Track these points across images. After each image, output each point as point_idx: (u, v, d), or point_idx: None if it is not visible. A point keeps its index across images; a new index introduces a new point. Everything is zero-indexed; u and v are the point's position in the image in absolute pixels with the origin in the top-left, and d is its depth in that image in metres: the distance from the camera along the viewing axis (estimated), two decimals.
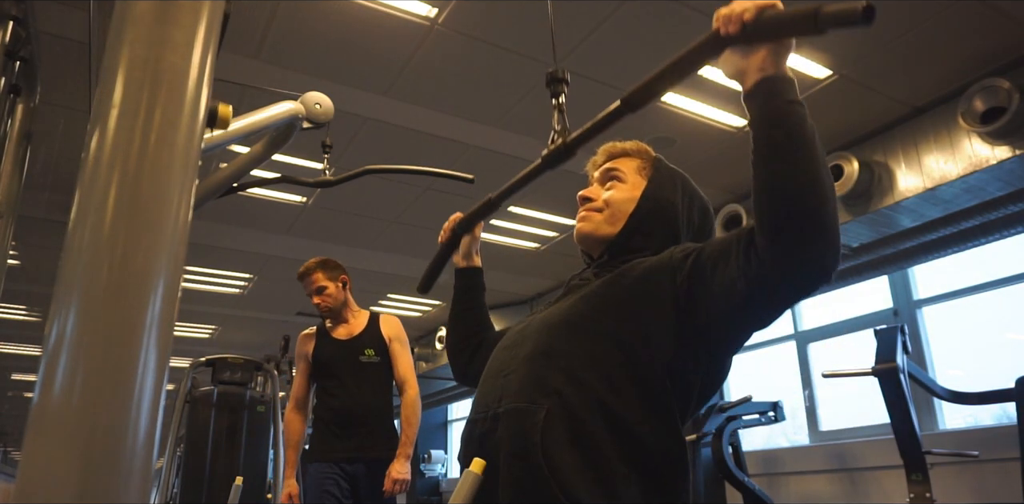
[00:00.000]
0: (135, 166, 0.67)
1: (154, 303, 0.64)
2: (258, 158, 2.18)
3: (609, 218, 1.17)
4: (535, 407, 0.94)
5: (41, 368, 0.60)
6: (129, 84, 0.69)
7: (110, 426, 0.59)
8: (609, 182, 1.21)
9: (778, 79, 0.87)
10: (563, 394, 0.94)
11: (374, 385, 2.70)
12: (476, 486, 0.93)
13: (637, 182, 1.19)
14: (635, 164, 1.22)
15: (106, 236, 0.64)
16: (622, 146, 1.24)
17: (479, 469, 0.94)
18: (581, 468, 0.89)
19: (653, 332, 0.97)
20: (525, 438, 0.92)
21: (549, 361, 0.99)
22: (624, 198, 1.17)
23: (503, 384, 1.02)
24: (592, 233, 1.18)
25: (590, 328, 1.00)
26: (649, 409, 0.95)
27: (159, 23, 0.72)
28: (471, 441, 1.03)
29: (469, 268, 1.40)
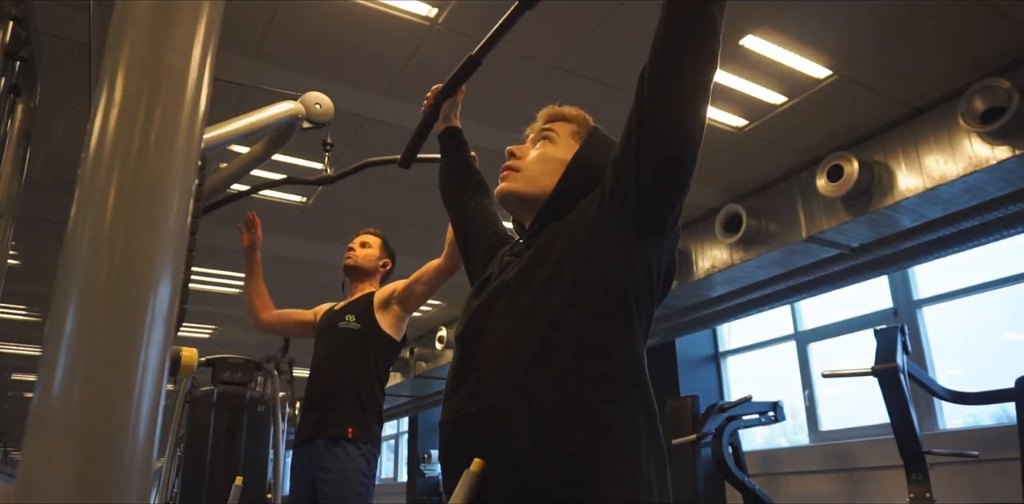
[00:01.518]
0: (135, 166, 0.67)
1: (154, 303, 0.64)
2: (258, 158, 2.18)
3: (531, 177, 1.13)
4: (513, 401, 0.92)
5: (41, 368, 0.60)
6: (129, 84, 0.69)
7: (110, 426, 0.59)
8: (541, 142, 1.18)
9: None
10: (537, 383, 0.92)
11: (345, 354, 2.32)
12: (476, 486, 0.93)
13: (570, 145, 1.15)
14: (571, 128, 1.18)
15: (106, 236, 0.64)
16: (561, 110, 1.21)
17: (478, 469, 0.94)
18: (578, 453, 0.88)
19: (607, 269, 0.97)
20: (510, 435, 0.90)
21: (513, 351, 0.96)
22: (551, 157, 1.14)
23: (472, 383, 0.98)
24: (511, 192, 1.14)
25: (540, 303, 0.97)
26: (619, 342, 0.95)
27: (159, 23, 0.72)
28: (449, 445, 1.00)
29: (449, 128, 1.49)
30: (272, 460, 4.09)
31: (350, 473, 2.16)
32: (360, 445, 2.20)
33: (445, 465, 1.01)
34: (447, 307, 7.63)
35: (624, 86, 3.65)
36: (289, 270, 6.42)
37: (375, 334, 2.36)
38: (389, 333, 2.38)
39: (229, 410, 3.92)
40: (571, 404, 0.91)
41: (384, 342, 2.37)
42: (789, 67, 3.50)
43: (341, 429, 2.19)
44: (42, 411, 0.59)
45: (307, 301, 2.93)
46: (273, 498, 3.90)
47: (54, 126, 3.81)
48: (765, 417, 4.66)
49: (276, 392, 4.22)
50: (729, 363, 6.25)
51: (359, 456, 2.19)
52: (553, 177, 1.11)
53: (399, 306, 2.41)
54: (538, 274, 1.00)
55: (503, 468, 0.91)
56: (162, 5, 0.74)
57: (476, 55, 1.27)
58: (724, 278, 5.07)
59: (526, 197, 1.13)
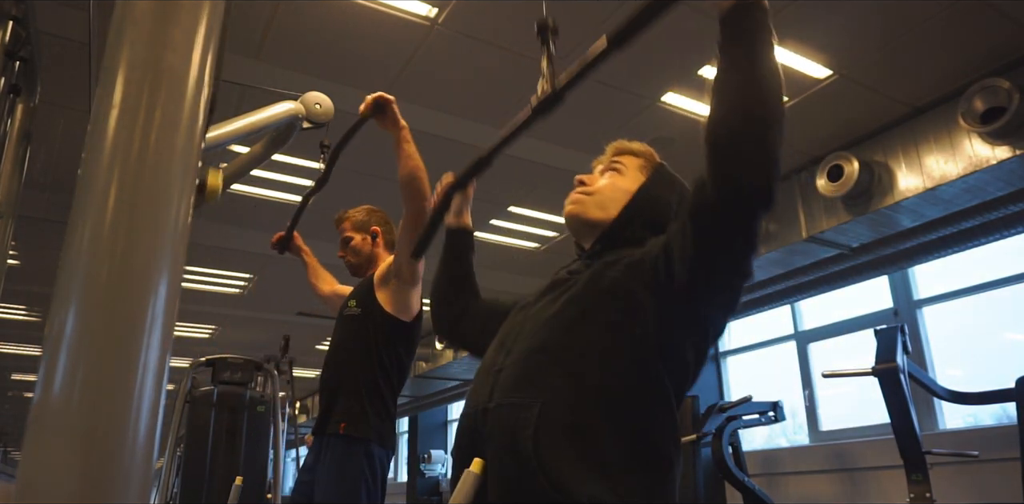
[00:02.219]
0: (135, 166, 0.67)
1: (154, 303, 0.64)
2: (258, 158, 2.18)
3: (599, 203, 1.18)
4: (528, 401, 0.94)
5: (41, 368, 0.60)
6: (129, 84, 0.69)
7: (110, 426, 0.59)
8: (609, 172, 1.24)
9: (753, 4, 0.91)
10: (558, 389, 0.95)
11: (347, 343, 2.15)
12: (476, 486, 0.93)
13: (636, 177, 1.22)
14: (638, 162, 1.25)
15: (106, 236, 0.64)
16: (629, 145, 1.28)
17: (479, 469, 0.94)
18: (576, 460, 0.90)
19: (643, 319, 0.99)
20: (515, 433, 0.92)
21: (543, 357, 1.00)
22: (619, 187, 1.20)
23: (494, 380, 1.02)
24: (579, 215, 1.19)
25: (583, 322, 1.01)
26: (645, 395, 0.96)
27: (159, 23, 0.72)
28: (462, 437, 1.04)
29: (459, 228, 1.41)
30: (272, 460, 4.09)
31: (343, 472, 1.96)
32: (356, 442, 1.99)
33: (456, 458, 1.04)
34: None
35: (623, 86, 3.65)
36: (289, 270, 6.41)
37: (376, 317, 2.11)
38: (393, 313, 2.11)
39: (229, 410, 3.92)
40: (580, 424, 0.93)
41: (389, 324, 2.11)
42: (789, 67, 3.50)
43: (336, 425, 2.02)
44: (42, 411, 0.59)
45: (307, 300, 2.92)
46: (273, 498, 3.90)
47: (54, 126, 3.81)
48: (765, 417, 4.66)
49: (276, 392, 4.22)
50: (729, 363, 6.25)
51: (355, 454, 1.98)
52: (618, 206, 1.17)
53: (396, 278, 2.12)
54: (588, 296, 1.04)
55: (504, 462, 0.92)
56: (162, 5, 0.74)
57: (487, 155, 1.29)
58: None
59: (592, 221, 1.18)
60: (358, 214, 2.42)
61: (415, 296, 2.15)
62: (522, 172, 4.55)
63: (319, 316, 7.68)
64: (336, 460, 1.98)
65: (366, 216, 2.41)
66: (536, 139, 4.12)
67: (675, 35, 3.28)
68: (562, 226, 5.45)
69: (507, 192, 4.91)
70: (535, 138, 4.12)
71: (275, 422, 4.09)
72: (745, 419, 4.58)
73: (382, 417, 2.06)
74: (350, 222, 2.41)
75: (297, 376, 4.59)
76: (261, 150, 2.17)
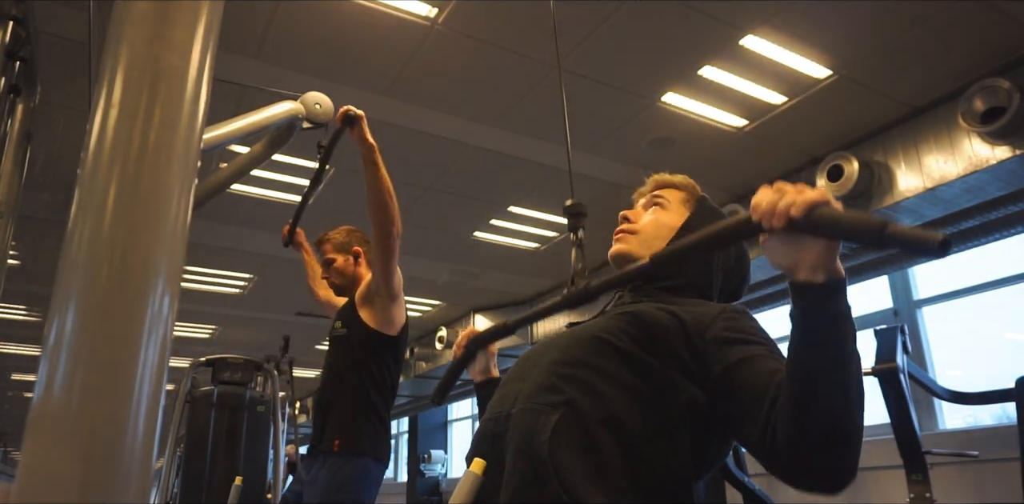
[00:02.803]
0: (135, 166, 0.67)
1: (154, 303, 0.64)
2: (258, 158, 2.18)
3: (645, 241, 1.18)
4: (550, 408, 0.94)
5: (41, 368, 0.60)
6: (129, 84, 0.69)
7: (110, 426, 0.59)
8: (652, 207, 1.24)
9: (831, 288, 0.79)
10: (578, 403, 0.94)
11: (339, 362, 2.18)
12: (476, 486, 0.93)
13: (680, 212, 1.22)
14: (680, 196, 1.24)
15: (106, 236, 0.64)
16: (671, 178, 1.27)
17: (479, 469, 0.94)
18: (585, 473, 0.89)
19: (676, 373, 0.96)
20: (532, 436, 0.92)
21: (570, 370, 0.99)
22: (663, 223, 1.20)
23: (520, 387, 1.02)
24: (627, 254, 1.19)
25: (617, 347, 0.99)
26: (663, 436, 0.93)
27: (159, 23, 0.72)
28: (482, 440, 1.03)
29: (488, 381, 1.38)
30: (272, 460, 4.09)
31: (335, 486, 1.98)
32: (350, 458, 2.02)
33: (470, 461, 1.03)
34: (447, 307, 7.63)
35: (624, 86, 3.65)
36: (289, 270, 6.41)
37: (361, 334, 2.16)
38: (377, 329, 2.16)
39: (229, 410, 3.92)
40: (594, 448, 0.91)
41: (375, 340, 2.16)
42: (789, 67, 3.50)
43: (330, 443, 2.04)
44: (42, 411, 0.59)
45: (307, 300, 2.92)
46: (273, 498, 3.90)
47: (54, 126, 3.81)
48: None
49: (276, 392, 4.22)
50: None
51: (349, 469, 2.01)
52: (663, 242, 1.17)
53: (376, 296, 2.16)
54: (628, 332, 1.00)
55: (520, 464, 0.92)
56: (162, 5, 0.73)
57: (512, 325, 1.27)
58: None
59: (638, 259, 1.14)
60: (338, 235, 2.45)
61: (398, 310, 2.19)
62: (522, 172, 4.55)
63: (319, 316, 7.68)
64: (330, 475, 2.01)
65: (346, 237, 2.45)
66: (536, 139, 4.13)
67: (675, 35, 3.28)
68: (562, 226, 5.45)
69: (507, 192, 4.91)
70: (535, 138, 4.12)
71: (275, 422, 4.09)
72: None
73: (376, 430, 2.10)
74: (331, 244, 2.43)
75: (297, 376, 4.58)
76: (261, 150, 2.17)
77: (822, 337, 0.79)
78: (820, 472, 0.81)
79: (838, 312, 0.79)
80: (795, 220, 0.73)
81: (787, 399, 0.80)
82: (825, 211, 0.73)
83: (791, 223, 0.74)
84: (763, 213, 0.76)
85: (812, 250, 0.77)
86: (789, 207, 0.73)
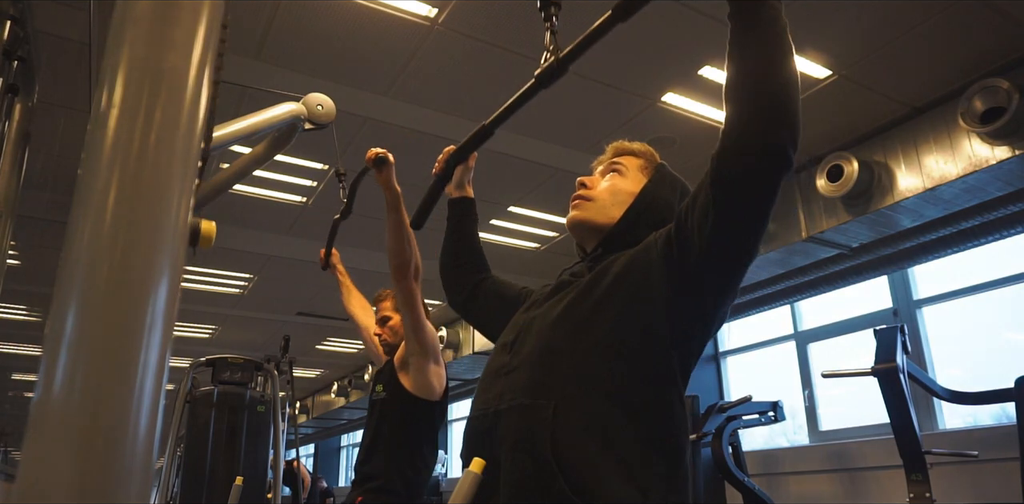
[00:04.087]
0: (135, 166, 0.67)
1: (154, 303, 0.64)
2: (260, 159, 2.18)
3: (602, 207, 1.18)
4: (541, 402, 0.94)
5: (41, 368, 0.60)
6: (129, 84, 0.69)
7: (110, 426, 0.59)
8: (610, 174, 1.23)
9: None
10: (569, 389, 0.95)
11: (376, 430, 2.10)
12: (476, 486, 0.93)
13: (637, 178, 1.21)
14: (639, 163, 1.24)
15: (106, 236, 0.64)
16: (629, 145, 1.27)
17: (479, 469, 0.94)
18: (596, 460, 0.90)
19: (650, 310, 0.99)
20: (533, 433, 0.92)
21: (552, 358, 0.99)
22: (620, 189, 1.19)
23: (505, 382, 1.02)
24: (583, 221, 1.19)
25: (589, 322, 1.01)
26: (656, 385, 0.97)
27: (159, 23, 0.72)
28: (472, 438, 1.03)
29: (461, 198, 1.43)
30: (272, 460, 4.09)
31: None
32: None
33: (465, 460, 1.03)
34: (447, 307, 7.63)
35: (624, 86, 3.65)
36: (289, 270, 6.42)
37: (403, 400, 2.06)
38: (418, 394, 2.05)
39: (229, 410, 3.92)
40: (596, 422, 0.93)
41: (416, 406, 2.05)
42: None
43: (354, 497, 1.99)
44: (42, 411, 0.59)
45: (307, 300, 2.91)
46: (273, 498, 3.89)
47: (54, 126, 3.81)
48: (765, 417, 4.66)
49: (276, 392, 4.22)
50: (729, 363, 6.25)
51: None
52: (621, 208, 1.17)
53: (413, 357, 2.06)
54: (591, 297, 1.04)
55: (522, 465, 0.92)
56: (162, 5, 0.73)
57: (489, 125, 1.28)
58: None
59: (595, 225, 1.18)
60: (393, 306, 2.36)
61: (437, 374, 2.09)
62: (522, 172, 4.55)
63: (319, 316, 7.69)
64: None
65: None
66: (536, 139, 4.12)
67: (675, 35, 3.27)
68: (562, 226, 5.45)
69: (507, 192, 4.91)
70: (535, 138, 4.12)
71: (275, 422, 4.09)
72: (745, 419, 4.58)
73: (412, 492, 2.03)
74: (390, 301, 2.36)
75: (297, 376, 4.58)
76: (263, 151, 2.17)
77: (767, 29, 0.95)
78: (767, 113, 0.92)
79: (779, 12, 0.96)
80: None
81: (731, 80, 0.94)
82: None
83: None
84: None
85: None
86: None
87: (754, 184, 0.91)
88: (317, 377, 11.37)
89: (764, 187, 0.91)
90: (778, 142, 0.89)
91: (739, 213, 0.93)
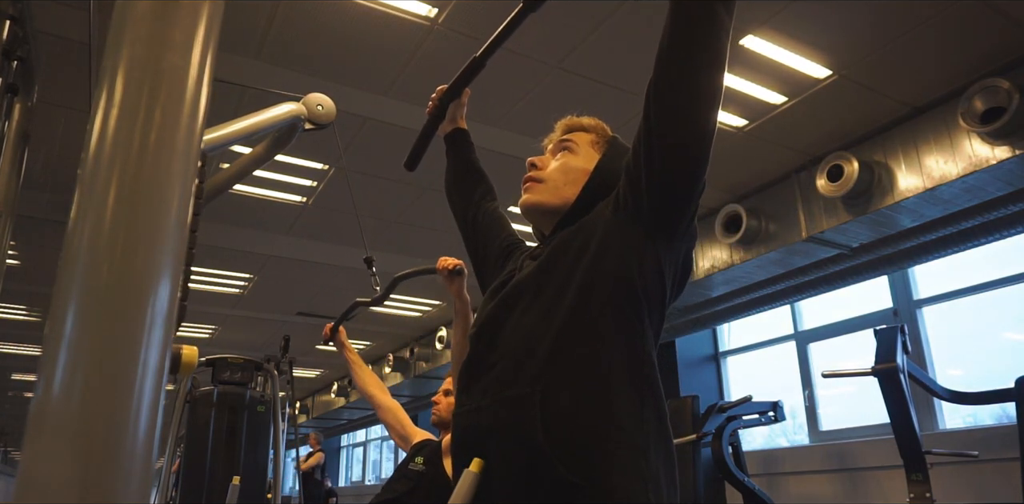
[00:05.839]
0: (135, 166, 0.67)
1: (154, 303, 0.64)
2: (260, 159, 2.18)
3: (554, 188, 1.15)
4: (526, 392, 0.93)
5: (41, 368, 0.60)
6: (129, 84, 0.69)
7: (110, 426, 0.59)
8: (560, 153, 1.20)
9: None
10: (550, 374, 0.93)
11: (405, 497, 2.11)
12: (475, 486, 0.93)
13: (589, 155, 1.17)
14: (589, 138, 1.20)
15: (106, 236, 0.64)
16: (579, 120, 1.23)
17: (478, 469, 0.94)
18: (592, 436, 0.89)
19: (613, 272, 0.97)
20: (523, 426, 0.91)
21: (529, 346, 0.97)
22: (572, 167, 1.16)
23: (488, 376, 1.00)
24: (536, 204, 1.17)
25: (557, 302, 0.98)
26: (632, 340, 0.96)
27: (159, 23, 0.72)
28: (460, 435, 1.02)
29: (455, 129, 1.45)
30: (272, 460, 4.09)
31: None
32: None
33: (455, 456, 1.02)
34: (447, 308, 7.62)
35: (624, 86, 3.65)
36: (289, 270, 6.42)
37: (439, 480, 2.06)
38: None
39: (229, 410, 3.92)
40: (583, 397, 0.92)
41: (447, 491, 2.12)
42: (789, 67, 3.50)
43: None
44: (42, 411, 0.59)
45: (307, 300, 2.90)
46: (273, 498, 3.89)
47: (54, 126, 3.81)
48: (765, 417, 4.66)
49: (276, 392, 4.21)
50: (729, 363, 6.25)
51: None
52: (575, 187, 1.13)
53: None
54: (554, 273, 1.01)
55: (514, 456, 0.91)
56: (162, 5, 0.74)
57: (480, 56, 1.27)
58: (724, 278, 5.07)
59: (549, 208, 1.15)
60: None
61: None
62: (522, 172, 4.54)
63: (319, 316, 7.68)
64: None
65: None
66: (536, 139, 4.11)
67: None
68: None
69: (507, 192, 4.90)
70: (535, 138, 4.11)
71: (275, 422, 4.08)
72: (745, 419, 4.58)
73: None
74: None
75: (297, 376, 4.58)
76: (263, 151, 2.17)
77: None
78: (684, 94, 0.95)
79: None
80: None
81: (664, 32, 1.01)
82: None
83: None
84: None
85: None
86: None
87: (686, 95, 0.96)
88: (317, 377, 11.37)
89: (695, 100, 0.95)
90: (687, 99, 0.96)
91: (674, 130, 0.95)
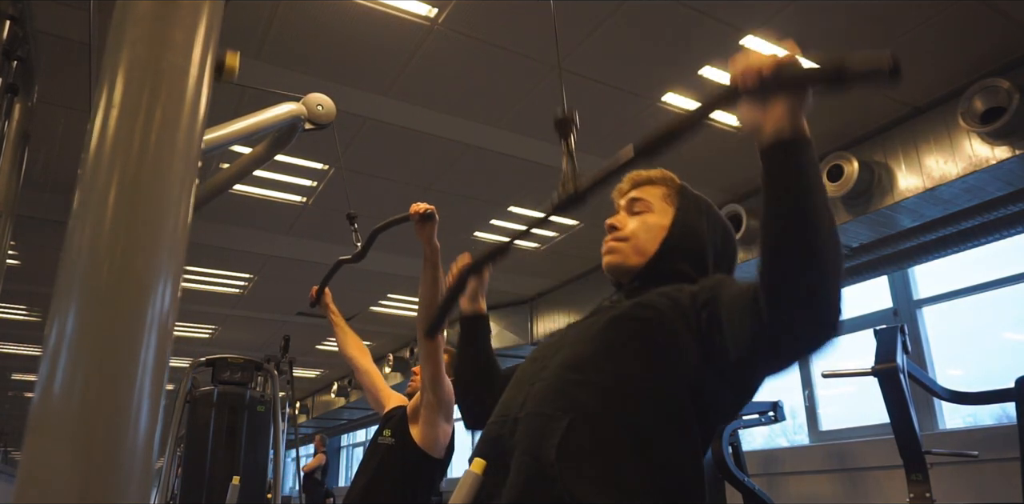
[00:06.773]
0: (135, 166, 0.67)
1: (154, 303, 0.64)
2: (260, 159, 2.18)
3: (636, 248, 1.17)
4: (559, 413, 0.94)
5: (41, 368, 0.60)
6: (129, 84, 0.69)
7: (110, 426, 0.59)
8: (636, 210, 1.22)
9: (793, 143, 0.84)
10: (588, 407, 0.94)
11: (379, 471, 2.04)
12: (476, 486, 0.93)
13: (664, 210, 1.20)
14: (661, 192, 1.22)
15: (106, 236, 0.64)
16: (647, 174, 1.25)
17: (479, 469, 0.94)
18: (595, 478, 0.89)
19: (680, 359, 0.97)
20: (541, 441, 0.92)
21: (577, 373, 0.99)
22: (651, 225, 1.18)
23: (528, 391, 1.02)
24: (621, 264, 1.18)
25: (619, 347, 1.00)
26: (672, 428, 0.95)
27: (159, 23, 0.72)
28: (486, 442, 1.03)
29: (474, 314, 1.35)
30: (272, 460, 4.09)
31: None
32: None
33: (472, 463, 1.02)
34: None
35: (624, 86, 3.65)
36: (289, 270, 6.41)
37: (408, 450, 2.03)
38: (424, 448, 2.02)
39: (229, 410, 3.92)
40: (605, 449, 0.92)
41: (418, 459, 2.02)
42: None
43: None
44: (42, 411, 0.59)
45: (307, 300, 2.91)
46: (273, 498, 3.90)
47: (54, 126, 3.81)
48: (765, 417, 4.66)
49: (276, 392, 4.21)
50: None
51: None
52: (655, 244, 1.16)
53: (425, 409, 2.03)
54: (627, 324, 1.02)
55: (526, 467, 0.92)
56: (162, 5, 0.73)
57: (506, 245, 1.26)
58: None
59: (632, 267, 1.17)
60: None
61: (444, 431, 2.08)
62: (522, 172, 4.55)
63: (319, 316, 7.67)
64: None
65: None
66: (536, 139, 4.12)
67: (675, 35, 3.28)
68: (563, 226, 5.45)
69: (507, 192, 4.91)
70: (535, 138, 4.12)
71: (275, 422, 4.09)
72: (745, 419, 4.58)
73: None
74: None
75: (297, 376, 4.58)
76: (263, 151, 2.17)
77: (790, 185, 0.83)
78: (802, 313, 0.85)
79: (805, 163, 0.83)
80: (765, 78, 0.81)
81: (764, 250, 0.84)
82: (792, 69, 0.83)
83: (762, 82, 0.81)
84: (740, 70, 0.82)
85: (776, 109, 0.84)
86: (761, 67, 0.82)
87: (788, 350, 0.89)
88: (317, 377, 11.37)
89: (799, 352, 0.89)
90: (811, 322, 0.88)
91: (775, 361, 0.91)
